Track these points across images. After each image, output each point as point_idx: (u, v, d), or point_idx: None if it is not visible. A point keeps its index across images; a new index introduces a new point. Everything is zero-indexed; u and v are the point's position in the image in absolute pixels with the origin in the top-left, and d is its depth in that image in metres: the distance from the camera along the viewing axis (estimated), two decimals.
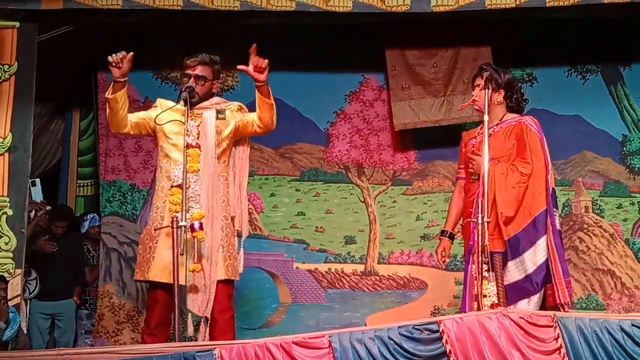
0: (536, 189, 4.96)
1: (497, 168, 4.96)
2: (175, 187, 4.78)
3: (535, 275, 4.90)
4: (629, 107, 7.16)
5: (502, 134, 5.09)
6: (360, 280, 7.25)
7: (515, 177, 4.96)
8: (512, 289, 4.91)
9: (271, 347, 4.16)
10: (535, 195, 4.95)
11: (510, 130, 5.08)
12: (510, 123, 5.11)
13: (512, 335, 4.19)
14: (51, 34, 6.53)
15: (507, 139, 5.06)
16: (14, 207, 5.88)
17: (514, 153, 5.04)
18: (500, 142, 5.05)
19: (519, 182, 4.96)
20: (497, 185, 4.92)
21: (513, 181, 4.96)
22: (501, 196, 4.92)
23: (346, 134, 7.38)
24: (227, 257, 4.90)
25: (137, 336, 6.98)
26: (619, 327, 4.20)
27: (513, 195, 4.94)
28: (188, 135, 4.78)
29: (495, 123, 5.13)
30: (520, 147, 5.03)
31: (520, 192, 4.94)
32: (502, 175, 4.95)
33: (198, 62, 4.95)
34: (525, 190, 4.95)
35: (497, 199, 4.91)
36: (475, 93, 5.15)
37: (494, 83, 5.09)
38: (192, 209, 4.75)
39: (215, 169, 4.89)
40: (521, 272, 4.92)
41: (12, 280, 5.80)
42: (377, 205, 7.33)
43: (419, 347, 4.19)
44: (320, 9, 5.96)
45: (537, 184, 4.97)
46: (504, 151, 5.05)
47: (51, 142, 7.96)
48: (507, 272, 4.93)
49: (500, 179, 4.94)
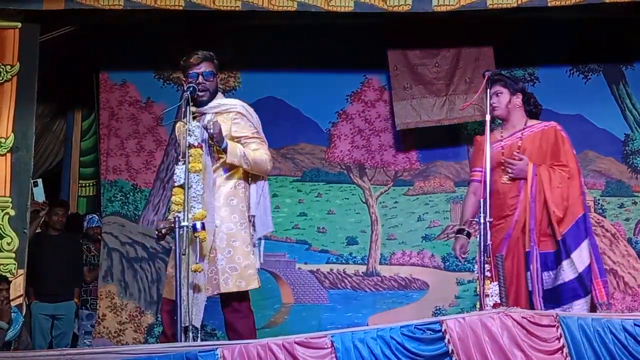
0: (575, 191, 5.11)
1: (541, 170, 5.09)
2: (177, 187, 4.77)
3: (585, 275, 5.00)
4: (631, 106, 7.15)
5: (534, 138, 5.20)
6: (362, 281, 7.25)
7: (558, 177, 5.09)
8: (566, 288, 5.01)
9: (273, 347, 4.16)
10: (575, 198, 5.09)
11: (543, 135, 5.20)
12: (540, 128, 5.23)
13: (514, 335, 4.18)
14: (53, 34, 6.55)
15: (541, 143, 5.18)
16: (16, 207, 5.89)
17: (548, 158, 5.16)
18: (535, 147, 5.17)
19: (561, 182, 5.09)
20: (544, 186, 5.06)
21: (557, 181, 5.08)
22: (551, 197, 5.05)
23: (348, 134, 7.38)
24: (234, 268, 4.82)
25: (140, 336, 7.00)
26: (622, 327, 4.19)
27: (559, 195, 5.06)
28: (190, 135, 4.76)
29: (521, 128, 5.24)
30: (555, 152, 5.16)
31: (564, 191, 5.08)
32: (547, 176, 5.08)
33: (202, 60, 4.88)
34: (568, 191, 5.09)
35: (548, 200, 5.04)
36: (493, 100, 5.22)
37: (511, 87, 5.23)
38: (194, 209, 4.74)
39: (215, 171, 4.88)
40: (574, 271, 5.01)
41: (14, 281, 5.81)
42: (378, 206, 7.33)
43: (421, 347, 4.18)
44: (322, 9, 5.95)
45: (574, 187, 5.12)
46: (539, 155, 5.16)
47: (53, 142, 7.97)
48: (562, 271, 5.02)
49: (546, 180, 5.07)
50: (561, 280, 5.02)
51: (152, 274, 7.21)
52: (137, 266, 7.20)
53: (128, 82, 7.36)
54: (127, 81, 7.36)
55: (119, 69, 7.34)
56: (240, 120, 4.91)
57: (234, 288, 4.80)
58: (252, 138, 4.90)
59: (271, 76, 7.20)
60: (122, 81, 7.36)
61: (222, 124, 4.84)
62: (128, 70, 7.34)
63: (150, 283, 7.19)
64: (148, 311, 7.14)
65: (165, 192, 7.19)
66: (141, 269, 7.18)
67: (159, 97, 7.29)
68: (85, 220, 7.60)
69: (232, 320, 4.86)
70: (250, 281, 4.84)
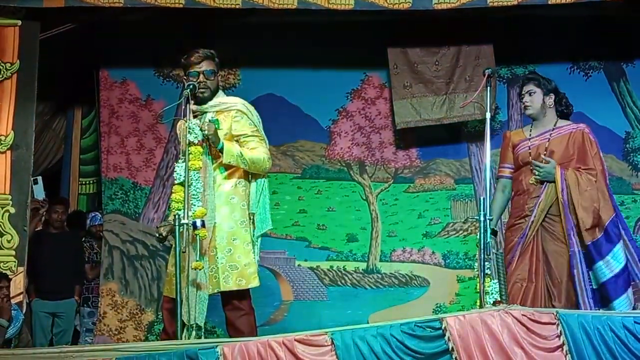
0: (603, 194, 5.13)
1: (568, 174, 5.11)
2: (177, 184, 4.78)
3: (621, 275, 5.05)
4: (632, 103, 7.15)
5: (562, 140, 5.22)
6: (362, 278, 7.25)
7: (585, 180, 5.12)
8: (603, 289, 5.05)
9: (274, 344, 4.17)
10: (604, 201, 5.11)
11: (571, 137, 5.22)
12: (568, 130, 5.25)
13: (514, 333, 4.19)
14: (53, 32, 6.54)
15: (569, 145, 5.20)
16: (16, 205, 5.89)
17: (575, 160, 5.18)
18: (563, 148, 5.19)
19: (589, 185, 5.11)
20: (571, 190, 5.09)
21: (584, 185, 5.11)
22: (579, 200, 5.08)
23: (348, 132, 7.38)
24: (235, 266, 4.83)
25: (140, 334, 7.00)
26: (622, 325, 4.19)
27: (588, 198, 5.09)
28: (190, 133, 4.76)
29: (550, 128, 5.26)
30: (582, 154, 5.19)
31: (593, 194, 5.09)
32: (574, 180, 5.11)
33: (203, 58, 4.88)
34: (597, 193, 5.11)
35: (576, 205, 5.07)
36: (526, 99, 5.27)
37: (544, 86, 5.26)
38: (194, 206, 4.74)
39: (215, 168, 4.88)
40: (609, 271, 5.05)
41: (14, 278, 5.81)
42: (379, 203, 7.33)
43: (421, 345, 4.19)
44: (322, 7, 5.94)
45: (602, 190, 5.15)
46: (567, 157, 5.18)
47: (53, 140, 7.97)
48: (597, 272, 5.06)
49: (573, 184, 5.10)
50: (599, 281, 5.06)
51: (153, 272, 7.22)
52: (138, 264, 7.21)
53: (128, 80, 7.36)
54: (127, 79, 7.36)
55: (119, 67, 7.34)
56: (241, 119, 4.90)
57: (235, 286, 4.80)
58: (251, 136, 4.90)
59: (271, 73, 7.20)
60: (122, 79, 7.36)
61: (223, 122, 4.85)
62: (128, 68, 7.34)
63: (151, 281, 7.20)
64: (148, 309, 7.14)
65: (166, 189, 7.19)
66: (142, 266, 7.18)
67: (159, 94, 7.28)
68: (89, 218, 7.60)
69: (233, 319, 4.86)
70: (251, 279, 4.84)
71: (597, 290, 5.07)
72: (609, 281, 5.03)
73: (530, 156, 5.21)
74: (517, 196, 5.23)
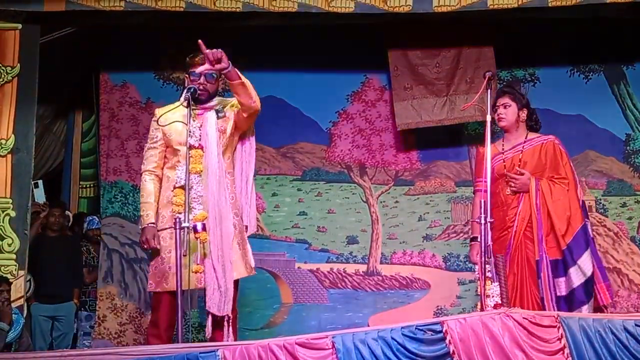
0: (574, 203, 5.31)
1: (542, 184, 5.29)
2: (178, 188, 4.78)
3: (589, 280, 5.19)
4: (632, 106, 7.15)
5: (534, 152, 5.40)
6: (363, 281, 7.24)
7: (558, 190, 5.30)
8: (576, 294, 5.17)
9: (274, 348, 4.17)
10: (575, 209, 5.29)
11: (542, 148, 5.40)
12: (539, 142, 5.44)
13: (515, 336, 4.19)
14: (53, 35, 6.54)
15: (541, 156, 5.39)
16: (17, 208, 5.88)
17: (547, 170, 5.36)
18: (535, 159, 5.37)
19: (562, 195, 5.29)
20: (547, 199, 5.27)
21: (557, 194, 5.28)
22: (553, 208, 5.25)
23: (348, 134, 7.37)
24: (244, 254, 4.96)
25: (140, 337, 6.98)
26: (623, 327, 4.20)
27: (561, 207, 5.26)
28: (190, 137, 4.76)
29: (522, 141, 5.45)
30: (554, 164, 5.37)
31: (565, 203, 5.27)
32: (548, 190, 5.28)
33: None
34: (569, 202, 5.28)
35: (551, 212, 5.25)
36: (501, 111, 5.43)
37: (519, 101, 5.44)
38: (195, 210, 4.74)
39: (221, 170, 4.88)
40: (580, 278, 5.19)
41: (15, 282, 5.80)
42: (379, 205, 7.33)
43: (422, 348, 4.19)
44: (323, 10, 5.95)
45: (574, 198, 5.32)
46: (540, 168, 5.37)
47: (54, 143, 7.97)
48: (570, 278, 5.19)
49: (548, 193, 5.27)
50: (571, 287, 5.19)
51: None
52: (137, 267, 7.19)
53: (128, 83, 7.36)
54: (127, 82, 7.36)
55: (119, 70, 7.34)
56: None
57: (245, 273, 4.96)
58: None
59: (271, 76, 7.18)
60: (122, 82, 7.35)
61: (226, 112, 4.94)
62: (128, 71, 7.34)
63: None
64: (148, 312, 7.12)
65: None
66: (141, 269, 7.17)
67: (159, 97, 7.28)
68: (85, 222, 7.60)
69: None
70: (241, 271, 4.94)
71: (567, 297, 5.18)
72: (579, 288, 5.16)
73: (505, 169, 5.38)
74: (496, 209, 5.33)
